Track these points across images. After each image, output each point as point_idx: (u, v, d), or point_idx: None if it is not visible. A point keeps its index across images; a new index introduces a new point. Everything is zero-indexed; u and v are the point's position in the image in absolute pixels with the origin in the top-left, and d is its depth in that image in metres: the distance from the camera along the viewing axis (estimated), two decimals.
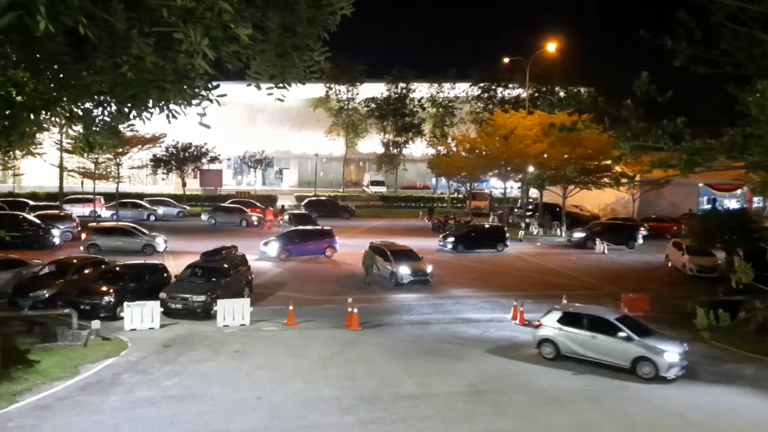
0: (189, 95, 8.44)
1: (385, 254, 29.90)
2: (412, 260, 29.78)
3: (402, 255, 30.02)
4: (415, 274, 28.99)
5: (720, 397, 16.72)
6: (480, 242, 40.04)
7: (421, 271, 29.28)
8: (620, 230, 44.08)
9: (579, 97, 14.04)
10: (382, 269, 29.68)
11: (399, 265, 29.01)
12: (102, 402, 15.03)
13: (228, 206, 51.41)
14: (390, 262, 29.34)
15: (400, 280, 28.67)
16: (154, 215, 50.26)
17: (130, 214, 48.58)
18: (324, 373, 17.53)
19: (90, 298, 21.98)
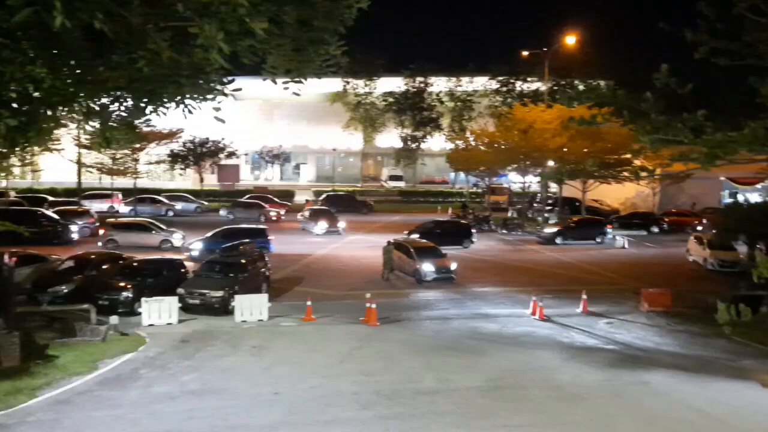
0: (204, 90, 8.45)
1: (408, 251, 29.27)
2: (436, 257, 29.14)
3: (425, 252, 29.39)
4: (439, 272, 28.37)
5: (740, 392, 16.44)
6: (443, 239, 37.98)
7: (445, 268, 28.62)
8: (589, 225, 43.19)
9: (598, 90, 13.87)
10: (405, 266, 29.18)
11: (422, 262, 28.38)
12: (121, 397, 15.16)
13: (247, 201, 51.58)
14: (413, 259, 28.73)
15: (423, 277, 28.12)
16: (172, 210, 50.62)
17: (148, 209, 48.99)
18: (342, 369, 17.53)
19: (108, 294, 22.18)
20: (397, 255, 29.51)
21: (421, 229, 38.94)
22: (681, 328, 22.45)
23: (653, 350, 19.89)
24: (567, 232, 41.41)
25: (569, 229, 41.85)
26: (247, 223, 39.68)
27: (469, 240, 39.44)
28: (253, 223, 41.65)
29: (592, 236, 41.52)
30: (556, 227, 42.54)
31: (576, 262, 35.23)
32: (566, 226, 42.52)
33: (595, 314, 24.00)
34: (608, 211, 54.95)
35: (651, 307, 24.68)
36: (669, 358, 19.08)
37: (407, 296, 26.50)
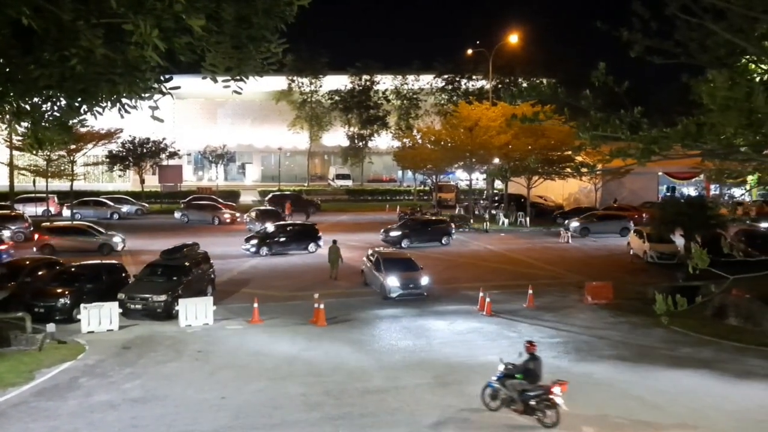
0: (140, 88, 8.16)
1: (377, 263, 26.46)
2: (405, 270, 25.90)
3: (394, 264, 26.23)
4: (405, 287, 25.26)
5: (679, 380, 17.08)
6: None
7: (412, 282, 25.44)
8: (433, 226, 40.83)
9: (540, 88, 14.08)
10: (374, 279, 26.39)
11: (387, 276, 25.43)
12: (59, 407, 14.60)
13: (200, 203, 50.40)
14: (380, 271, 25.79)
15: (388, 293, 25.10)
16: (117, 213, 49.14)
17: (92, 213, 47.46)
18: (290, 371, 17.35)
19: (44, 301, 21.38)
20: (367, 266, 27.39)
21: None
22: (622, 319, 23.14)
23: (596, 342, 20.43)
24: (412, 234, 39.00)
25: (414, 231, 39.45)
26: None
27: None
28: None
29: (438, 238, 39.43)
30: (399, 230, 39.28)
31: (522, 258, 35.87)
32: (411, 228, 39.86)
33: (541, 308, 24.48)
34: (553, 206, 56.21)
35: (594, 299, 25.36)
36: (611, 349, 19.64)
37: (355, 295, 26.42)
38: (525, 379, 14.11)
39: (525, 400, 13.98)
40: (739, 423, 14.37)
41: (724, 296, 22.06)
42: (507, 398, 14.29)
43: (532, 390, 13.94)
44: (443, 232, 39.93)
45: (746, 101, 10.25)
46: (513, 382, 14.19)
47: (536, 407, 13.90)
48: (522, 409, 14.07)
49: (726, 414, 14.81)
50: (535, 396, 13.87)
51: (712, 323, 22.15)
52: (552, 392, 13.75)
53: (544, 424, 13.87)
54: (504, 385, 14.30)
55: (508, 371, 14.37)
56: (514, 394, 14.11)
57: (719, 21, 12.53)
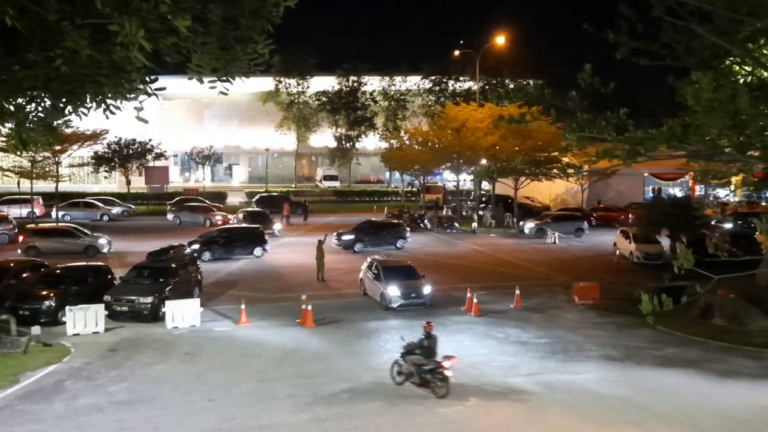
0: (126, 89, 8.09)
1: (376, 271, 24.93)
2: (406, 278, 24.38)
3: (395, 272, 24.62)
4: (406, 296, 23.73)
5: (665, 379, 17.19)
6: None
7: (414, 291, 23.94)
8: (387, 229, 39.43)
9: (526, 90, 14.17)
10: (374, 288, 24.94)
11: (389, 285, 23.90)
12: (44, 410, 14.45)
13: (192, 205, 50.11)
14: (380, 280, 24.29)
15: (389, 303, 23.59)
16: (108, 215, 48.86)
17: (83, 214, 47.15)
18: (278, 372, 17.29)
19: (29, 303, 21.16)
20: (366, 275, 25.89)
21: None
22: (609, 319, 23.27)
23: (583, 342, 20.52)
24: (365, 237, 37.56)
25: (368, 234, 37.98)
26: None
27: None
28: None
29: (392, 241, 38.09)
30: (351, 234, 37.62)
31: (509, 258, 36.01)
32: (364, 231, 38.27)
33: (528, 309, 24.57)
34: (540, 207, 56.48)
35: (581, 300, 25.50)
36: (598, 349, 19.74)
37: (344, 297, 26.38)
38: (422, 355, 15.51)
39: (420, 373, 15.43)
40: (724, 422, 14.48)
41: (710, 296, 22.26)
42: (407, 372, 15.74)
43: (427, 364, 15.35)
44: (398, 235, 38.57)
45: (730, 103, 10.36)
46: (412, 357, 15.66)
47: (430, 380, 15.34)
48: (419, 382, 15.54)
49: (712, 413, 14.93)
50: (429, 370, 15.31)
51: (698, 323, 22.33)
52: (443, 366, 15.17)
53: (436, 394, 15.27)
54: (405, 361, 15.74)
55: (408, 348, 15.81)
56: (413, 368, 15.57)
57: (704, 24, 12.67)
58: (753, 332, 21.43)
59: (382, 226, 40.06)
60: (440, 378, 15.21)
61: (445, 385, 15.16)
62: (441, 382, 15.22)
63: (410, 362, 15.63)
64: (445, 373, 15.14)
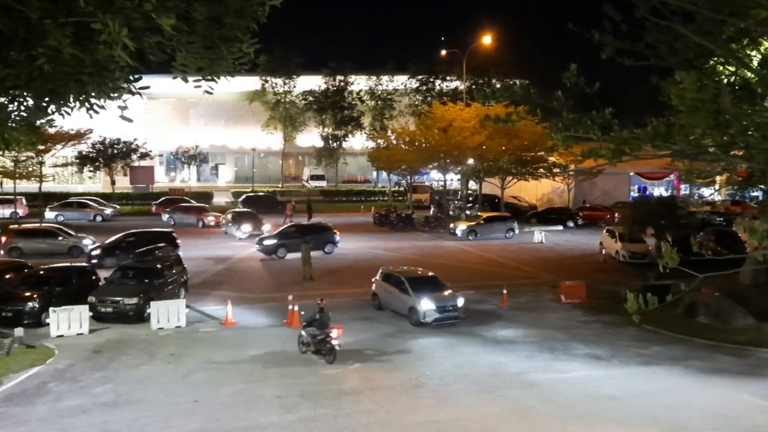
0: (109, 88, 8.02)
1: (401, 283, 23.02)
2: (436, 290, 22.68)
3: (422, 284, 22.86)
4: (442, 310, 21.98)
5: (651, 377, 17.33)
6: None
7: (450, 305, 22.22)
8: (314, 233, 36.18)
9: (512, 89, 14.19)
10: (397, 303, 23.08)
11: (420, 299, 22.02)
12: (28, 413, 14.30)
13: (186, 206, 49.75)
14: (407, 293, 22.48)
15: (422, 318, 21.73)
16: (101, 215, 48.50)
17: (75, 215, 46.74)
18: (264, 373, 17.22)
19: (12, 305, 20.91)
20: (384, 288, 23.96)
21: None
22: (595, 318, 23.42)
23: (569, 341, 20.61)
24: (289, 243, 34.76)
25: (292, 239, 35.06)
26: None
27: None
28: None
29: (320, 246, 35.49)
30: (274, 239, 35.24)
31: (497, 258, 36.11)
32: (288, 236, 35.60)
33: (516, 308, 24.65)
34: (526, 207, 56.72)
35: (567, 299, 25.63)
36: (584, 348, 19.85)
37: (331, 296, 26.26)
38: (316, 327, 18.19)
39: (314, 343, 18.19)
40: (709, 419, 14.61)
41: (695, 295, 22.46)
42: (306, 342, 18.43)
43: (319, 335, 18.05)
44: (326, 240, 36.11)
45: (714, 102, 10.43)
46: (309, 329, 18.41)
47: (321, 348, 18.05)
48: (314, 350, 18.28)
49: (696, 410, 15.07)
50: (320, 340, 18.01)
51: (683, 321, 22.53)
52: (330, 337, 17.77)
53: (326, 360, 17.88)
54: (305, 333, 18.51)
55: (308, 322, 18.61)
56: (309, 338, 18.36)
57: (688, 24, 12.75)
58: (737, 330, 21.65)
59: (309, 230, 37.05)
60: (328, 347, 17.82)
61: (332, 353, 17.76)
62: (329, 350, 17.83)
63: (308, 333, 18.40)
64: (332, 342, 17.75)
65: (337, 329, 17.91)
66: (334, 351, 17.75)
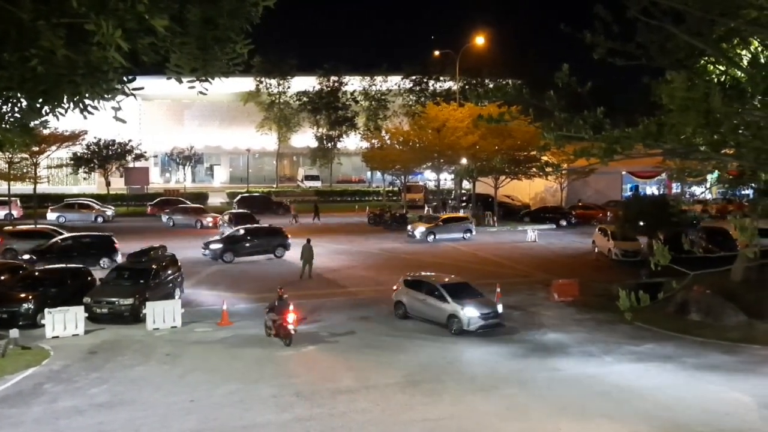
0: (103, 89, 8.06)
1: (433, 290, 22.10)
2: (475, 296, 22.03)
3: (459, 290, 22.09)
4: (486, 317, 21.27)
5: (644, 374, 17.46)
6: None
7: (492, 311, 21.61)
8: (264, 236, 35.31)
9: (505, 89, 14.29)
10: (431, 311, 22.08)
11: (464, 306, 21.22)
12: (23, 414, 14.31)
13: (185, 207, 49.90)
14: (444, 300, 21.59)
15: (466, 326, 20.91)
16: (102, 217, 48.53)
17: (77, 216, 46.73)
18: (260, 372, 17.28)
19: (7, 306, 20.89)
20: (411, 296, 22.80)
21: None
22: (588, 316, 23.54)
23: (563, 339, 20.73)
24: (237, 246, 33.78)
25: (240, 242, 34.11)
26: None
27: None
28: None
29: (270, 249, 34.57)
30: (220, 243, 33.73)
31: (491, 257, 36.24)
32: (236, 240, 34.33)
33: (509, 306, 24.71)
34: (520, 206, 56.88)
35: (560, 297, 25.76)
36: (577, 346, 19.97)
37: (326, 296, 26.37)
38: (276, 313, 19.89)
39: (275, 326, 19.86)
40: (701, 415, 14.73)
41: (686, 292, 22.60)
42: (269, 326, 20.13)
43: (277, 320, 19.73)
44: (277, 243, 34.66)
45: (704, 101, 10.55)
46: (270, 314, 20.16)
47: (279, 331, 19.71)
48: (275, 333, 19.86)
49: (688, 407, 15.18)
50: (278, 324, 19.73)
51: (675, 319, 22.66)
52: (286, 321, 19.53)
53: (284, 342, 19.49)
54: (267, 317, 20.31)
55: (269, 308, 20.36)
56: (270, 322, 20.13)
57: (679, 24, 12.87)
58: (728, 327, 21.79)
59: (258, 233, 35.72)
60: (285, 330, 19.55)
61: (289, 336, 19.52)
62: (286, 334, 19.56)
63: (269, 318, 20.15)
64: (287, 327, 19.51)
65: (294, 314, 19.70)
66: (290, 335, 19.52)
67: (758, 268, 23.80)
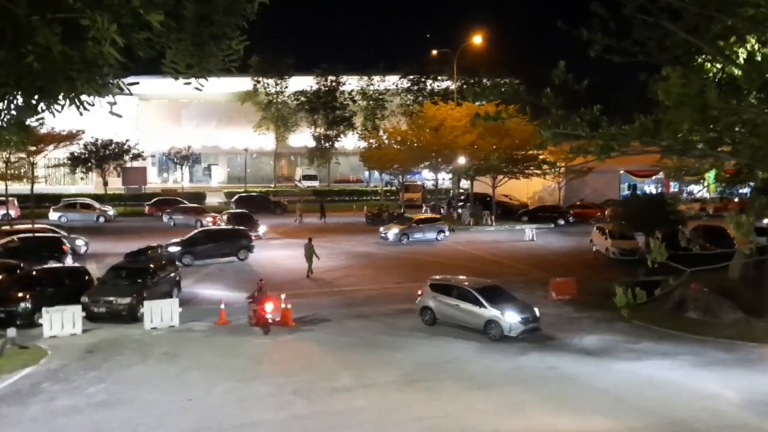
0: (99, 84, 8.05)
1: (466, 294, 21.19)
2: (509, 300, 21.25)
3: (494, 294, 21.30)
4: (526, 322, 20.52)
5: (640, 372, 17.47)
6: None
7: (530, 315, 20.82)
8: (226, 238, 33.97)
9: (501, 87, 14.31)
10: (464, 316, 21.16)
11: (504, 311, 20.43)
12: (21, 413, 14.30)
13: (185, 207, 50.02)
14: (481, 306, 20.74)
15: (507, 331, 20.18)
16: (104, 216, 48.48)
17: (79, 216, 46.66)
18: (258, 371, 17.28)
19: (5, 305, 20.85)
20: (441, 301, 21.78)
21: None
22: (585, 314, 23.56)
23: (560, 337, 20.74)
24: (196, 249, 32.34)
25: (199, 245, 32.61)
26: None
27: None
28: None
29: (232, 252, 33.19)
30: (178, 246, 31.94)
31: (489, 256, 36.23)
32: (194, 242, 32.76)
33: None
34: (518, 205, 56.87)
35: (558, 295, 25.76)
36: (575, 344, 19.97)
37: (325, 295, 26.36)
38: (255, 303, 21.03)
39: (254, 315, 21.00)
40: (697, 412, 14.75)
41: (684, 290, 22.63)
42: (250, 316, 21.29)
43: (257, 309, 20.86)
44: (239, 246, 33.38)
45: (699, 97, 10.55)
46: (251, 305, 21.21)
47: (258, 320, 20.81)
48: (254, 322, 20.93)
49: (685, 404, 15.21)
50: (257, 314, 20.82)
51: (672, 317, 22.69)
52: (264, 310, 20.60)
53: (263, 331, 20.49)
54: (248, 307, 21.51)
55: (250, 297, 21.48)
56: (251, 312, 21.23)
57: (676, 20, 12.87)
58: (726, 325, 21.82)
59: (219, 235, 34.65)
60: (262, 320, 20.56)
61: (267, 325, 20.52)
62: (263, 323, 20.59)
63: (250, 308, 21.24)
64: (265, 316, 20.54)
65: (272, 301, 20.87)
66: (267, 323, 20.56)
67: (756, 267, 23.83)
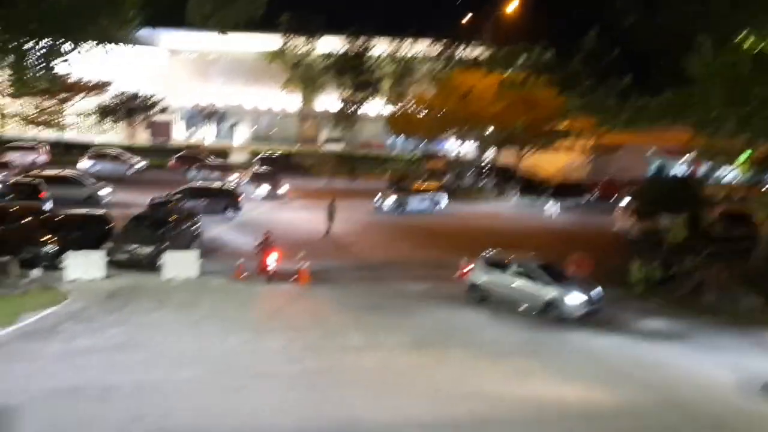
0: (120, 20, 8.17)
1: (529, 272, 20.24)
2: (568, 278, 20.47)
3: (556, 273, 20.48)
4: (590, 302, 19.59)
5: (651, 350, 17.42)
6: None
7: (596, 294, 19.93)
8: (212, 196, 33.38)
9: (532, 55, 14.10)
10: (521, 295, 20.15)
11: (568, 290, 19.57)
12: (42, 349, 14.79)
13: (211, 164, 49.88)
14: (543, 284, 19.82)
15: (569, 313, 19.31)
16: (134, 168, 48.60)
17: (111, 166, 46.89)
18: (271, 325, 17.59)
19: (30, 247, 21.33)
20: (496, 278, 20.83)
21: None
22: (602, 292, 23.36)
23: None
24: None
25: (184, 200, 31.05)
26: None
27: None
28: None
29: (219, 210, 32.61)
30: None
31: (508, 229, 36.03)
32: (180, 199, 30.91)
33: None
34: (541, 180, 56.18)
35: (575, 272, 25.54)
36: (588, 320, 19.87)
37: (340, 257, 26.54)
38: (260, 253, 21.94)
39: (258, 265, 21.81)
40: (705, 393, 14.74)
41: (702, 273, 22.39)
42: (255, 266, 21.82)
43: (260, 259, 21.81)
44: (226, 204, 33.14)
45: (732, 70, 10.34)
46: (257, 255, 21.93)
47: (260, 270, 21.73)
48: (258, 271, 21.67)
49: (694, 386, 15.11)
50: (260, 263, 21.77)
51: (690, 299, 22.39)
52: (265, 260, 21.49)
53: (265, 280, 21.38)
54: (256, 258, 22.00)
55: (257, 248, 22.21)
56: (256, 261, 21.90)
57: None
58: (744, 310, 21.56)
59: (205, 192, 33.72)
60: (264, 269, 21.46)
61: (268, 274, 21.34)
62: (265, 272, 21.44)
63: (256, 257, 21.84)
64: (267, 266, 21.41)
65: (276, 252, 21.64)
66: (269, 273, 21.41)
67: None
